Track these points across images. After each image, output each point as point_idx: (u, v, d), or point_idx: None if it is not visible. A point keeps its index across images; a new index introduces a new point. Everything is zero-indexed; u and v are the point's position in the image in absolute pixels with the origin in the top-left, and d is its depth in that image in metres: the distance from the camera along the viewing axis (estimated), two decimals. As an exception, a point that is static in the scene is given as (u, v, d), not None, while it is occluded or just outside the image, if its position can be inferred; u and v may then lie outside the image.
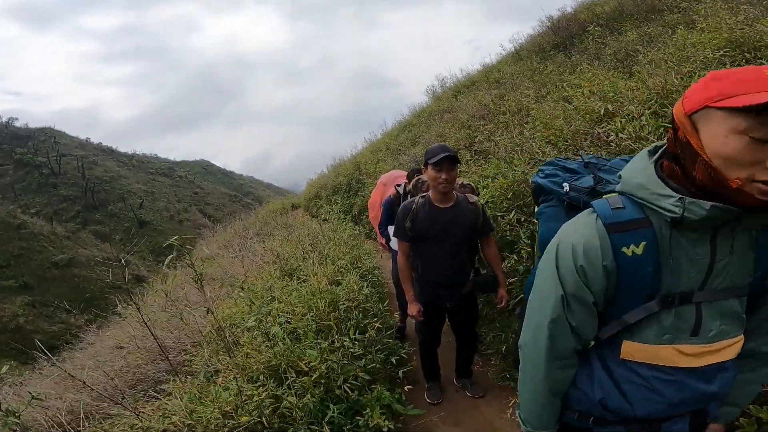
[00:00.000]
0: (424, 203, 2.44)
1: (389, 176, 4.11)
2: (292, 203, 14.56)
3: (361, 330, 3.01)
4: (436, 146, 2.33)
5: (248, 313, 3.17)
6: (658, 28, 5.57)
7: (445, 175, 2.27)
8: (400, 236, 2.49)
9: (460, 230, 2.43)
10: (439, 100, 10.79)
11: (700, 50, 3.57)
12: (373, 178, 8.59)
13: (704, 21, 4.14)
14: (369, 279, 4.16)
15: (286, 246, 5.50)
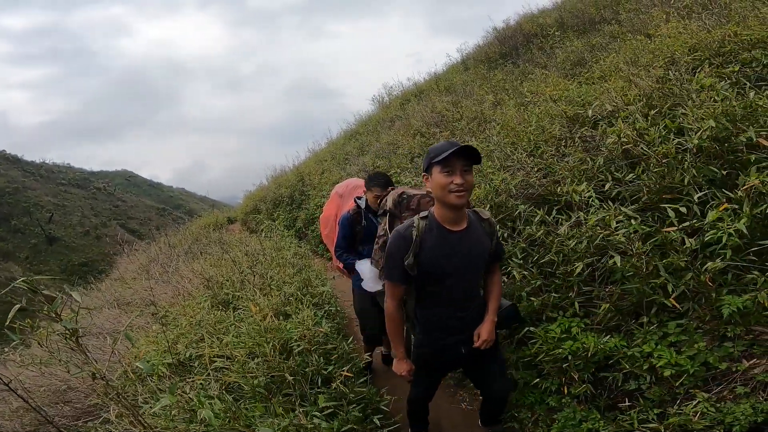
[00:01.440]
0: (429, 226, 1.73)
1: (347, 186, 3.45)
2: (228, 217, 13.37)
3: (325, 379, 2.39)
4: (441, 143, 1.69)
5: (163, 363, 2.41)
6: (602, 39, 5.68)
7: (459, 178, 1.60)
8: (394, 277, 1.78)
9: (479, 261, 1.80)
10: (386, 108, 10.47)
11: (660, 55, 3.55)
12: (318, 190, 7.98)
13: (659, 29, 4.17)
14: (325, 309, 3.52)
15: (220, 268, 4.68)
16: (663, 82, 3.12)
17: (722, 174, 2.13)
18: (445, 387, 3.04)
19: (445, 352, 1.91)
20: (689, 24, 3.80)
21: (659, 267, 1.99)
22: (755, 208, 1.81)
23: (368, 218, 2.84)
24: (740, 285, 1.84)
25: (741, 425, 1.57)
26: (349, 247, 2.92)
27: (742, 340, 1.80)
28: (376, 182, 2.80)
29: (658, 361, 1.85)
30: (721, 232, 1.77)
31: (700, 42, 3.35)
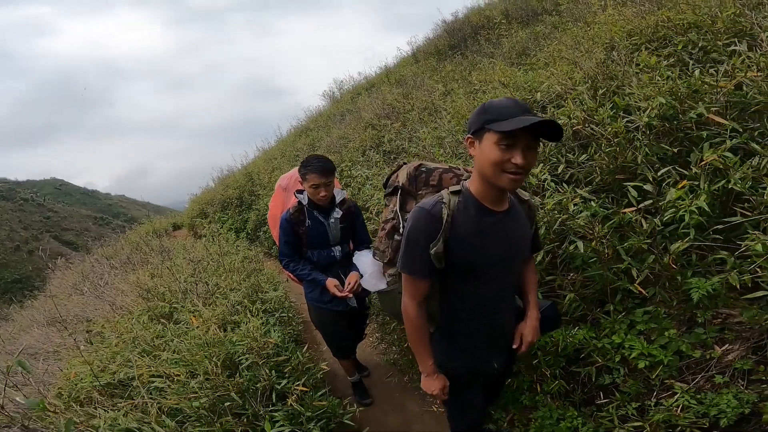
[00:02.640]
0: (464, 203, 1.33)
1: (290, 177, 2.97)
2: (173, 223, 12.60)
3: (279, 395, 2.15)
4: (505, 100, 1.24)
5: (93, 385, 2.09)
6: (545, 29, 5.80)
7: (520, 157, 1.18)
8: (416, 270, 1.35)
9: (523, 250, 1.46)
10: (338, 102, 10.23)
11: (600, 41, 3.59)
12: (269, 189, 7.59)
13: (597, 16, 4.26)
14: (277, 316, 3.23)
15: (160, 278, 4.26)
16: (605, 65, 3.13)
17: (673, 151, 2.09)
18: (412, 389, 2.88)
19: (477, 366, 1.51)
20: (625, 11, 3.87)
21: (620, 251, 1.91)
22: (712, 185, 1.76)
23: (313, 216, 2.42)
24: (704, 266, 1.78)
25: (728, 417, 1.48)
26: (295, 253, 2.49)
27: (712, 325, 1.73)
28: (312, 167, 2.27)
29: (630, 353, 1.76)
30: (683, 210, 1.70)
31: (636, 27, 3.39)
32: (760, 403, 1.49)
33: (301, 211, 2.42)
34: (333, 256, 2.48)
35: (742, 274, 1.61)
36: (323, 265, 2.48)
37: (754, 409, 1.50)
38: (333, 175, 2.33)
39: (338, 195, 2.46)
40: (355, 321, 2.75)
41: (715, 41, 2.64)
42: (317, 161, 2.30)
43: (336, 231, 2.45)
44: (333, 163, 2.38)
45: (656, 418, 1.61)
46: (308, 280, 2.47)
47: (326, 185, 2.30)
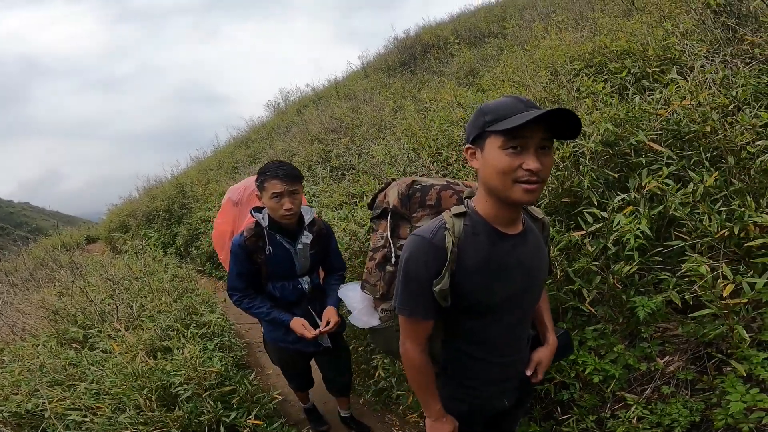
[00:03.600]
0: (472, 229, 1.13)
1: (244, 189, 2.49)
2: (88, 235, 11.41)
3: (228, 428, 2.00)
4: (505, 99, 1.05)
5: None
6: (491, 50, 6.10)
7: (534, 161, 0.99)
8: (417, 311, 1.16)
9: (541, 280, 1.27)
10: (283, 114, 9.96)
11: (543, 65, 3.77)
12: (202, 202, 7.12)
13: (540, 41, 4.51)
14: (217, 342, 2.95)
15: (71, 298, 3.75)
16: (549, 89, 3.30)
17: (615, 177, 2.22)
18: (369, 411, 2.75)
19: (486, 406, 1.34)
20: (566, 37, 4.09)
21: (569, 272, 1.97)
22: (651, 210, 1.89)
23: (275, 242, 1.95)
24: (643, 284, 1.89)
25: (681, 426, 1.55)
26: (249, 286, 2.00)
27: (654, 339, 1.84)
28: (271, 173, 1.85)
29: (584, 368, 1.81)
30: (628, 234, 1.79)
31: (576, 53, 3.59)
32: (707, 411, 1.58)
33: (259, 234, 1.94)
34: (300, 289, 2.05)
35: (682, 293, 1.72)
36: (289, 301, 2.04)
37: (703, 416, 1.59)
38: (299, 183, 1.91)
39: (307, 214, 2.01)
40: (333, 364, 2.32)
41: (645, 68, 2.82)
42: (278, 164, 1.89)
43: (305, 259, 2.01)
44: (299, 171, 1.96)
45: (619, 430, 1.66)
46: (267, 320, 2.03)
47: (291, 194, 1.86)
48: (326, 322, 1.97)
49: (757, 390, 1.46)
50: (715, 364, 1.68)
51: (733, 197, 1.76)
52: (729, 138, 1.83)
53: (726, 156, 1.85)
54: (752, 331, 1.61)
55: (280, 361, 2.32)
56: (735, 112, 1.99)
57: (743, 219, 1.61)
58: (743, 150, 1.79)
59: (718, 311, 1.58)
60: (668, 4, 3.54)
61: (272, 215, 1.91)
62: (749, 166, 1.78)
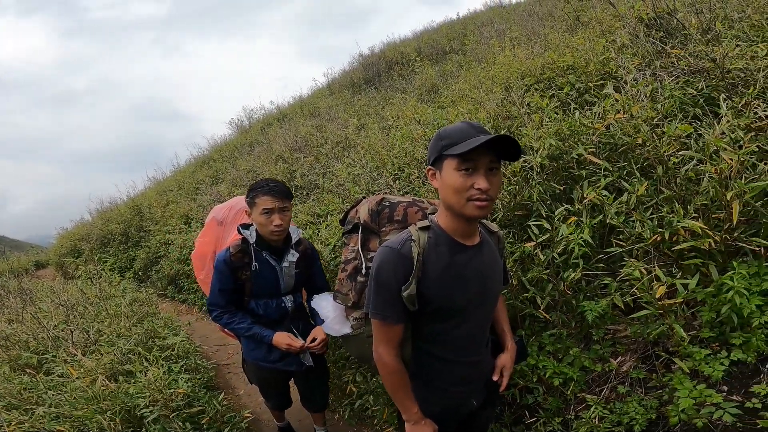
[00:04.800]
0: (435, 240, 1.26)
1: (230, 209, 2.48)
2: (36, 261, 10.78)
3: None
4: (459, 124, 1.19)
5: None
6: (452, 67, 6.30)
7: (483, 181, 1.13)
8: (388, 316, 1.26)
9: (497, 287, 1.40)
10: (246, 132, 9.84)
11: (498, 81, 3.92)
12: (161, 224, 6.91)
13: (497, 57, 4.67)
14: (182, 364, 2.87)
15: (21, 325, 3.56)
16: (503, 105, 3.46)
17: (560, 189, 2.35)
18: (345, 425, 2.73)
19: (456, 407, 1.44)
20: (519, 53, 4.27)
21: (524, 281, 2.07)
22: (593, 220, 2.02)
23: (261, 259, 1.97)
24: (591, 289, 2.01)
25: (639, 423, 1.65)
26: (229, 303, 2.00)
27: (605, 341, 1.95)
28: (262, 189, 1.87)
29: (545, 372, 1.89)
30: (573, 243, 1.92)
31: (527, 69, 3.76)
32: (662, 408, 1.68)
33: (245, 251, 1.94)
34: (284, 308, 2.06)
35: (624, 296, 1.85)
36: (272, 319, 2.04)
37: (659, 413, 1.69)
38: (289, 200, 1.94)
39: (294, 233, 2.04)
40: (313, 384, 2.30)
41: (588, 83, 2.99)
42: (270, 181, 1.93)
43: (290, 278, 2.03)
44: (289, 188, 2.01)
45: (582, 431, 1.74)
46: (247, 335, 2.00)
47: (282, 211, 1.88)
48: (312, 339, 1.99)
49: (704, 386, 1.58)
50: (663, 363, 1.80)
51: (662, 205, 1.90)
52: (658, 149, 1.98)
53: (655, 166, 2.00)
54: (693, 329, 1.74)
55: (259, 381, 2.28)
56: (662, 123, 2.15)
57: (672, 225, 1.75)
58: (670, 160, 1.94)
59: (655, 311, 1.71)
60: (608, 19, 3.77)
61: (261, 231, 1.93)
62: (676, 174, 1.93)
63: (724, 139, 1.82)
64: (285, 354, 2.01)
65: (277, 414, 2.57)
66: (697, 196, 1.81)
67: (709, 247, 1.69)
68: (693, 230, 1.70)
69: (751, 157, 1.77)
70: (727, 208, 1.69)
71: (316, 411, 2.45)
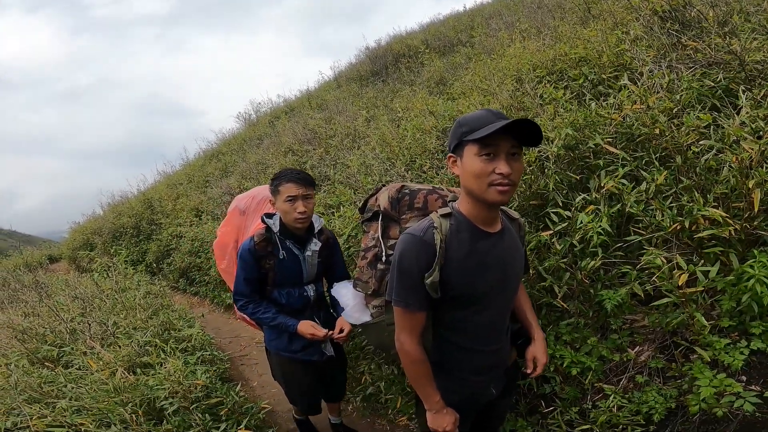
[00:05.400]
0: (456, 227, 1.25)
1: (252, 198, 2.47)
2: (50, 255, 10.94)
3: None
4: (479, 112, 1.20)
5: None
6: (460, 59, 6.24)
7: (505, 166, 1.13)
8: (411, 303, 1.26)
9: (518, 274, 1.39)
10: (254, 126, 9.86)
11: (508, 73, 3.90)
12: (172, 217, 6.98)
13: (506, 50, 4.65)
14: (198, 355, 2.91)
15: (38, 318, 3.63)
16: (515, 96, 3.45)
17: (577, 178, 2.35)
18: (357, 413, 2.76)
19: (476, 396, 1.43)
20: (529, 45, 4.25)
21: (540, 270, 2.08)
22: (611, 208, 2.02)
23: (285, 247, 1.97)
24: (609, 278, 2.00)
25: (659, 412, 1.66)
26: (255, 292, 2.00)
27: (623, 330, 1.95)
28: (286, 177, 1.89)
29: (562, 362, 1.90)
30: (592, 231, 1.92)
31: (538, 61, 3.73)
32: (681, 398, 1.69)
33: (269, 240, 1.94)
34: (306, 297, 2.06)
35: (643, 285, 1.85)
36: (294, 308, 2.04)
37: (678, 402, 1.69)
38: (312, 188, 1.95)
39: (316, 222, 2.05)
40: (332, 373, 2.29)
41: (601, 75, 2.97)
42: (293, 170, 1.95)
43: (312, 266, 2.03)
44: (313, 177, 2.00)
45: (601, 419, 1.75)
46: (272, 325, 2.00)
47: (305, 198, 1.89)
48: (339, 330, 1.97)
49: (724, 375, 1.58)
50: (682, 352, 1.80)
51: (682, 194, 1.90)
52: (676, 139, 1.98)
53: (674, 156, 2.00)
54: (712, 318, 1.74)
55: (282, 375, 2.24)
56: (680, 114, 2.15)
57: (693, 213, 1.75)
58: (689, 150, 1.94)
59: (676, 300, 1.71)
60: (620, 11, 3.73)
61: (285, 219, 1.94)
62: (695, 164, 1.93)
63: (744, 129, 1.80)
64: (307, 344, 2.02)
65: (297, 406, 2.54)
66: (717, 185, 1.81)
67: (730, 235, 1.69)
68: (713, 219, 1.70)
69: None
70: (747, 197, 1.69)
71: (332, 401, 2.45)
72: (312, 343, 2.01)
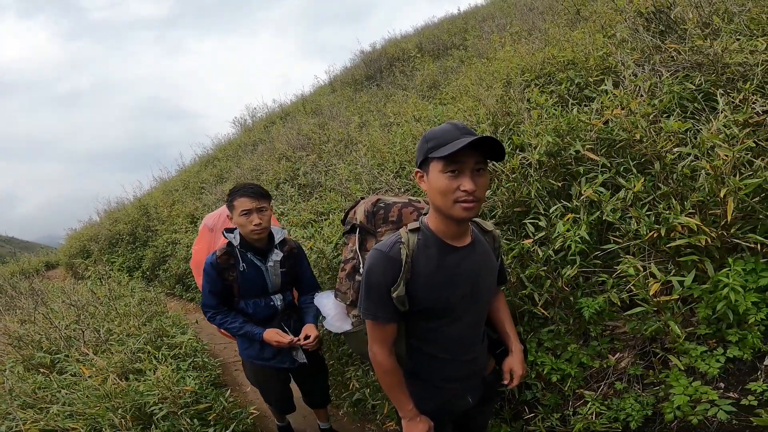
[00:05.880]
0: (423, 242, 1.27)
1: (219, 216, 2.55)
2: (47, 262, 10.97)
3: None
4: (444, 126, 1.21)
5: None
6: (453, 63, 6.28)
7: (469, 183, 1.13)
8: (379, 316, 1.29)
9: (490, 286, 1.40)
10: (249, 131, 9.88)
11: (498, 77, 3.89)
12: (168, 224, 7.00)
13: (497, 53, 4.64)
14: (190, 362, 2.94)
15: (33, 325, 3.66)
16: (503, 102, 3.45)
17: (558, 186, 2.34)
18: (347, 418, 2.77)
19: (451, 404, 1.45)
20: (519, 48, 4.23)
21: (522, 278, 2.08)
22: (590, 216, 2.03)
23: (246, 259, 2.04)
24: (589, 286, 2.01)
25: (635, 420, 1.67)
26: (221, 304, 2.09)
27: (603, 337, 1.96)
28: (240, 191, 1.97)
29: (543, 368, 1.91)
30: (570, 240, 1.93)
31: (528, 64, 3.73)
32: (658, 405, 1.70)
33: (230, 253, 2.02)
34: (273, 306, 2.12)
35: (620, 293, 1.86)
36: (261, 318, 2.11)
37: (655, 410, 1.70)
38: (267, 200, 2.03)
39: (278, 234, 2.13)
40: (312, 380, 2.37)
41: (587, 78, 2.97)
42: (246, 185, 2.02)
43: (276, 276, 2.10)
44: (267, 190, 2.08)
45: (578, 426, 1.76)
46: (239, 334, 2.09)
47: (260, 211, 1.97)
48: (305, 336, 2.04)
49: (700, 382, 1.59)
50: (661, 359, 1.81)
51: (659, 201, 1.90)
52: (655, 145, 1.98)
53: (653, 162, 2.00)
54: (691, 325, 1.74)
55: (257, 382, 2.34)
56: (660, 119, 2.14)
57: (669, 221, 1.75)
58: (667, 156, 1.94)
59: (649, 308, 1.72)
60: (609, 13, 3.73)
61: (243, 233, 2.01)
62: (673, 171, 1.93)
63: (719, 135, 1.81)
64: (277, 351, 2.08)
65: (278, 415, 2.63)
66: (694, 193, 1.80)
67: (706, 243, 1.69)
68: (689, 227, 1.71)
69: (748, 153, 1.76)
70: (722, 205, 1.69)
71: (317, 407, 2.50)
72: (282, 350, 2.07)
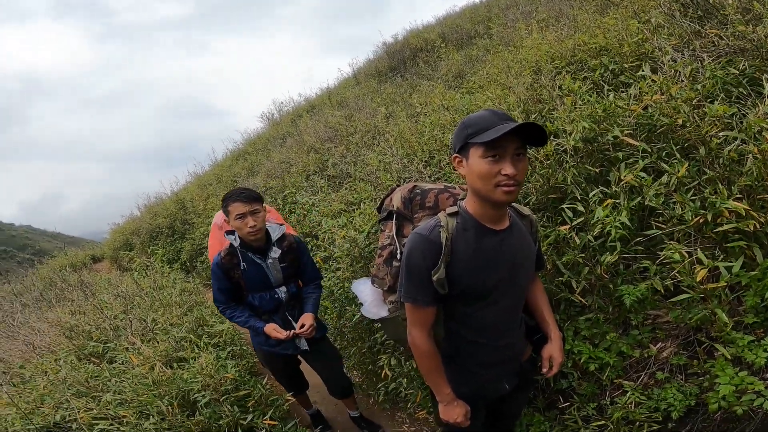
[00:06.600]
0: (462, 226, 1.30)
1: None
2: (93, 255, 11.57)
3: (246, 430, 2.12)
4: (482, 112, 1.23)
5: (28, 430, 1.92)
6: (478, 52, 6.17)
7: (510, 167, 1.16)
8: (419, 299, 1.32)
9: (528, 270, 1.42)
10: (277, 125, 10.05)
11: (527, 64, 3.81)
12: (204, 217, 7.25)
13: (524, 41, 4.54)
14: (229, 350, 3.07)
15: (84, 316, 3.89)
16: (534, 89, 3.38)
17: (596, 171, 2.31)
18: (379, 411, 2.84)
19: (486, 389, 1.48)
20: (547, 35, 4.14)
21: (559, 265, 2.07)
22: (630, 202, 1.99)
23: (248, 258, 2.21)
24: (630, 273, 1.98)
25: (677, 410, 1.65)
26: (230, 299, 2.29)
27: (644, 326, 1.92)
28: (232, 197, 2.11)
29: (580, 357, 1.90)
30: (610, 226, 1.90)
31: (557, 51, 3.63)
32: (702, 395, 1.66)
33: (233, 254, 2.20)
34: (278, 298, 2.30)
35: (664, 280, 1.82)
36: (268, 309, 2.30)
37: (698, 400, 1.67)
38: (258, 203, 2.15)
39: (275, 231, 2.27)
40: (328, 365, 2.52)
41: (623, 64, 2.90)
42: (238, 190, 2.16)
43: (277, 272, 2.27)
44: (258, 192, 2.22)
45: (616, 416, 1.74)
46: (246, 326, 2.29)
47: (253, 213, 2.10)
48: (301, 325, 2.23)
49: (746, 373, 1.55)
50: (706, 349, 1.77)
51: (705, 186, 1.85)
52: (699, 129, 1.92)
53: (697, 147, 1.94)
54: (738, 314, 1.69)
55: (268, 364, 2.56)
56: (703, 104, 2.07)
57: (715, 206, 1.70)
58: (712, 140, 1.88)
59: (695, 296, 1.68)
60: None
61: (240, 234, 2.16)
62: (719, 155, 1.87)
63: (767, 119, 1.73)
64: (281, 340, 2.26)
65: (301, 399, 2.76)
66: (741, 177, 1.75)
67: (754, 229, 1.64)
68: (737, 212, 1.66)
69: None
70: (772, 189, 1.63)
71: (341, 396, 2.63)
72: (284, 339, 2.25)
